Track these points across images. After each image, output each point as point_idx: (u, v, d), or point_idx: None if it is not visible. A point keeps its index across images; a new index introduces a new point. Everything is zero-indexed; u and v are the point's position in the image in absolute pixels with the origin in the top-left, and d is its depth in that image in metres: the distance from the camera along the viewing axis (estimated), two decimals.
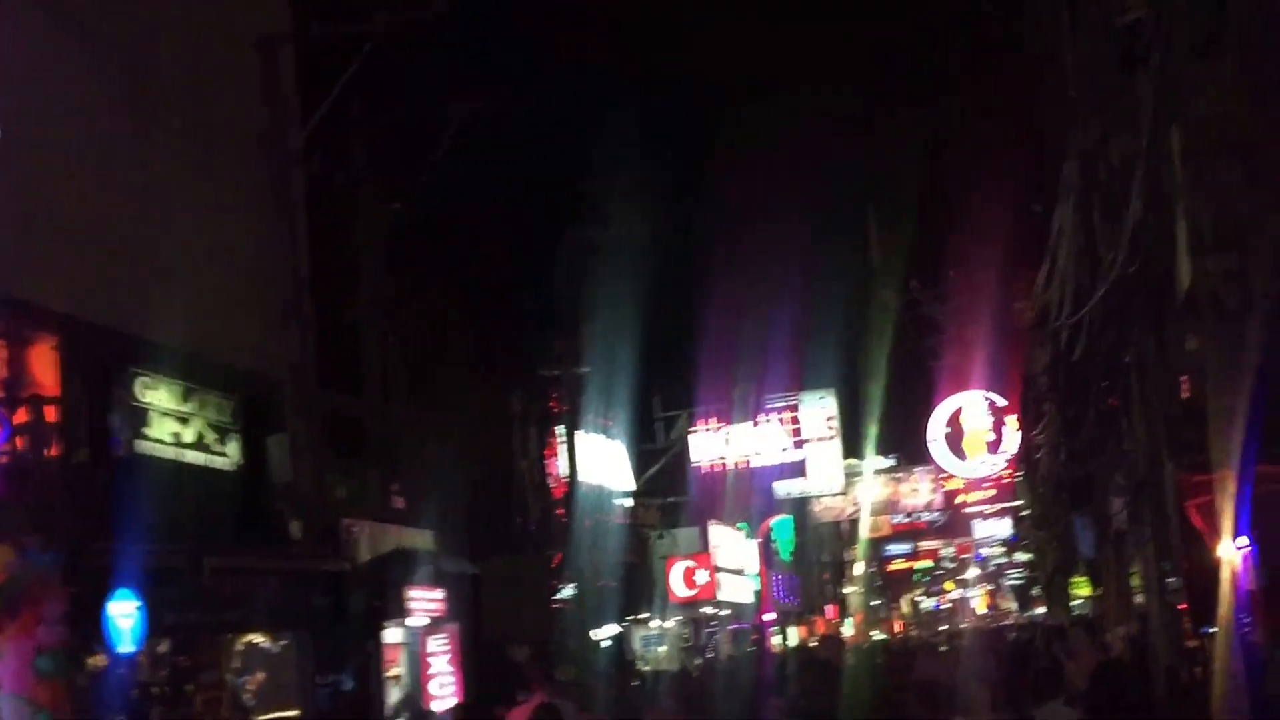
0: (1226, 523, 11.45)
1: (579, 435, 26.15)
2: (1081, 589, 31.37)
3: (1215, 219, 11.53)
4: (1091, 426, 14.70)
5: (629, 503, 29.70)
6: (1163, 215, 10.88)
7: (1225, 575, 11.41)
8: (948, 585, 73.34)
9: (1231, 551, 11.57)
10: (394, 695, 17.47)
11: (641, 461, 31.27)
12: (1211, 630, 12.32)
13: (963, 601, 71.24)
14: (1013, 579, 65.76)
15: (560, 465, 25.94)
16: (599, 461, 27.79)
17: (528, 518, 25.24)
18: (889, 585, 61.34)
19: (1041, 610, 57.27)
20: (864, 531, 45.32)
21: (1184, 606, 11.63)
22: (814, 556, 49.22)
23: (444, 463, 20.17)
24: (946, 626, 58.85)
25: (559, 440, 26.20)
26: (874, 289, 32.02)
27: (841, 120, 36.83)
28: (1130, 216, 9.89)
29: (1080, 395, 15.94)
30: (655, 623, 30.16)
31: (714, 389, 33.38)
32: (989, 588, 70.64)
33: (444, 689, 18.39)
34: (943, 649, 21.36)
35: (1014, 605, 66.96)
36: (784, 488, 38.02)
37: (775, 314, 34.03)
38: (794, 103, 38.64)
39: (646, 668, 25.81)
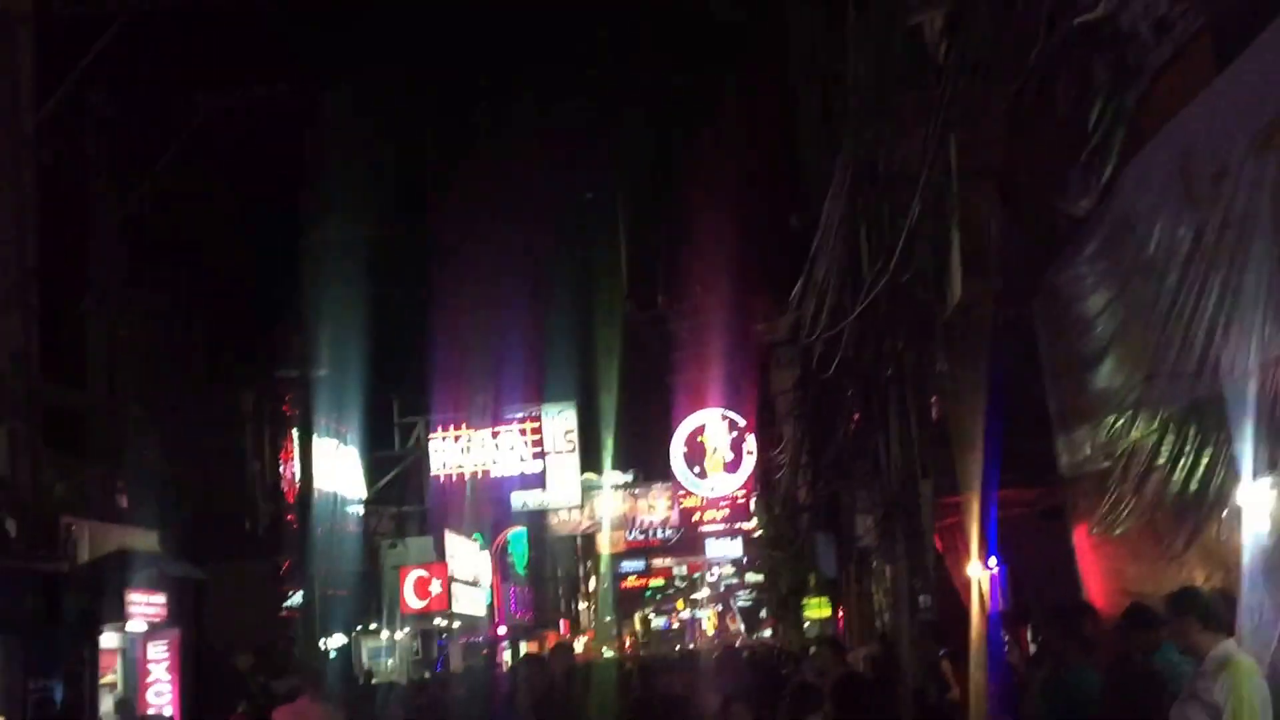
0: (974, 544, 12.14)
1: (314, 440, 25.30)
2: (814, 610, 31.99)
3: (969, 241, 11.86)
4: (841, 444, 14.85)
5: (362, 510, 28.89)
6: (939, 232, 11.00)
7: (974, 597, 11.71)
8: (679, 604, 74.17)
9: (980, 572, 11.85)
10: (107, 703, 16.66)
11: (378, 468, 30.50)
12: (944, 653, 12.45)
13: (693, 621, 72.11)
14: (742, 600, 66.89)
15: (294, 470, 25.06)
16: (334, 467, 26.99)
17: (258, 522, 24.33)
18: (622, 602, 61.58)
19: (768, 632, 58.62)
20: (601, 547, 45.39)
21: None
22: (549, 570, 49.08)
23: (172, 462, 19.38)
24: (678, 645, 59.49)
25: (293, 444, 25.32)
26: (618, 303, 32.04)
27: (586, 132, 36.90)
28: (905, 228, 9.93)
29: (831, 413, 16.11)
30: (385, 634, 29.38)
31: (453, 396, 32.81)
32: (718, 608, 71.66)
33: (161, 697, 17.77)
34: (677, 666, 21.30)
35: (741, 626, 68.19)
36: (521, 499, 37.74)
37: (517, 324, 33.86)
38: (542, 109, 38.59)
39: (375, 680, 25.09)
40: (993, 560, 13.29)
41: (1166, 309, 9.14)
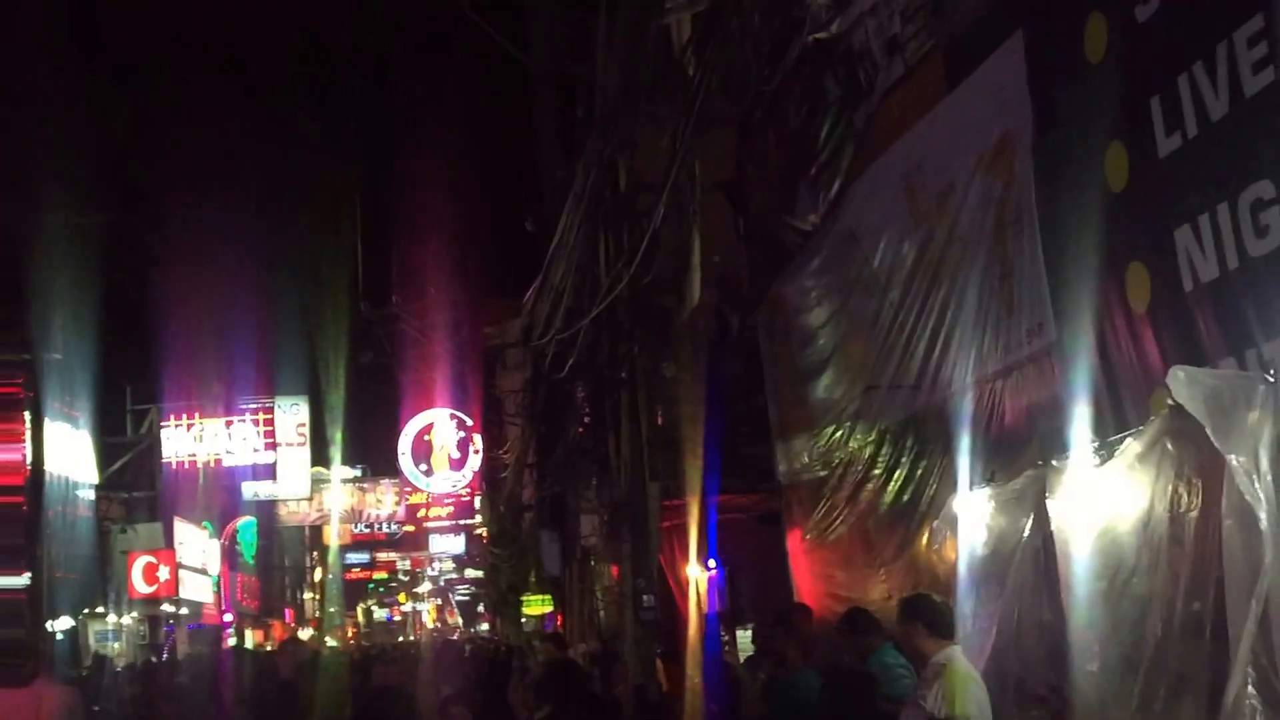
0: (693, 547, 12.44)
1: (45, 423, 25.19)
2: (534, 607, 33.06)
3: (706, 253, 12.89)
4: (568, 445, 15.88)
5: (92, 495, 28.76)
6: (680, 239, 11.70)
7: (693, 597, 12.46)
8: (401, 597, 74.49)
9: (699, 574, 12.72)
10: None
11: (109, 453, 30.31)
12: (659, 652, 12.71)
13: (414, 614, 72.58)
14: (461, 595, 67.57)
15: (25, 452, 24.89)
16: (64, 451, 26.83)
17: None
18: (346, 593, 61.63)
19: (484, 626, 59.56)
20: (330, 539, 45.61)
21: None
22: (276, 560, 48.95)
23: None
24: (400, 638, 59.90)
25: (25, 428, 25.13)
26: (351, 300, 32.61)
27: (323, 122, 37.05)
28: (647, 232, 10.68)
29: (559, 414, 17.10)
30: (112, 618, 29.28)
31: (186, 385, 32.84)
32: (438, 602, 72.26)
33: None
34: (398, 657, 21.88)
35: (460, 620, 68.85)
36: (252, 489, 37.70)
37: (250, 316, 34.05)
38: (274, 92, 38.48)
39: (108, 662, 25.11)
40: (711, 562, 13.26)
41: (888, 323, 10.04)
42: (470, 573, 57.54)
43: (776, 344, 13.08)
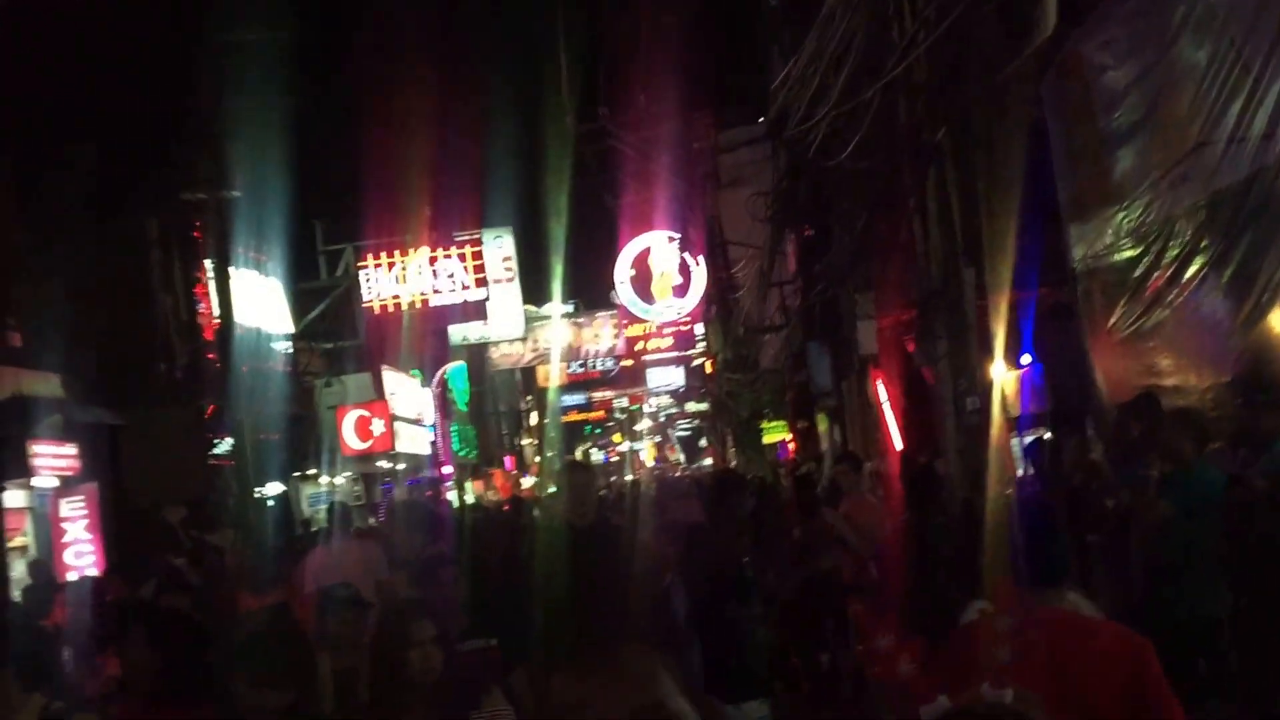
0: (999, 340, 10.73)
1: (232, 271, 22.91)
2: (772, 434, 30.47)
3: None
4: (843, 244, 12.91)
5: (290, 347, 26.58)
6: None
7: (995, 400, 10.84)
8: (616, 438, 72.99)
9: (1004, 373, 11.26)
10: (19, 568, 15.23)
11: (303, 301, 28.06)
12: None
13: (632, 454, 70.90)
14: (681, 430, 65.88)
15: (211, 304, 22.69)
16: (254, 301, 24.64)
17: (174, 363, 22.07)
18: (561, 438, 60.16)
19: (708, 461, 57.54)
20: (548, 379, 43.32)
21: None
22: (490, 407, 47.24)
23: (70, 296, 17.06)
24: (615, 478, 58.26)
25: (208, 276, 22.91)
26: (558, 118, 29.52)
27: None
28: None
29: (828, 209, 14.13)
30: (324, 479, 27.37)
31: (384, 220, 30.15)
32: (657, 440, 70.63)
33: (81, 558, 16.46)
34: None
35: (682, 456, 67.26)
36: (461, 332, 35.62)
37: (449, 140, 31.17)
38: None
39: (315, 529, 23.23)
40: (1026, 357, 12.00)
41: (1226, 68, 8.96)
42: (691, 406, 55.25)
43: (1070, 112, 11.77)
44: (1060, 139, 12.37)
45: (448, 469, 34.91)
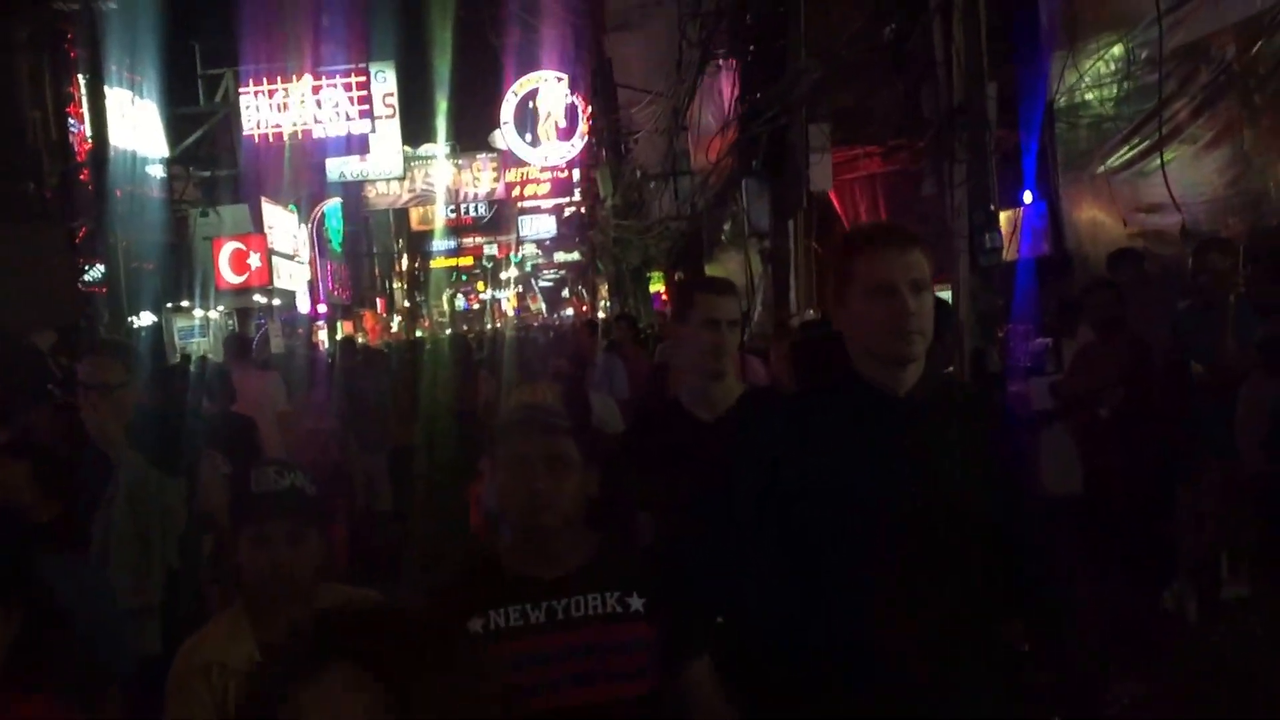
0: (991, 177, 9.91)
1: (105, 88, 21.19)
2: (656, 284, 29.75)
3: None
4: (808, 64, 12.03)
5: (165, 173, 24.93)
6: None
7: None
8: (480, 285, 71.60)
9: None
10: None
11: (180, 126, 26.32)
12: None
13: (494, 302, 69.66)
14: (545, 280, 64.91)
15: (84, 122, 21.06)
16: (129, 122, 22.97)
17: (44, 182, 20.47)
18: (428, 282, 58.74)
19: (569, 312, 56.79)
20: (423, 222, 41.92)
21: None
22: (364, 248, 45.65)
23: None
24: (478, 326, 57.22)
25: (80, 92, 21.23)
26: None
27: None
28: None
29: (780, 28, 13.18)
30: (198, 312, 25.92)
31: (265, 45, 28.35)
32: (519, 290, 69.44)
33: None
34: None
35: (543, 306, 66.37)
36: (338, 168, 34.01)
37: None
38: None
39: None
40: (1028, 194, 11.36)
41: None
42: (560, 256, 54.27)
43: None
44: None
45: (322, 308, 33.62)
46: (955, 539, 2.70)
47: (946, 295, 10.17)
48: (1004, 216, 10.40)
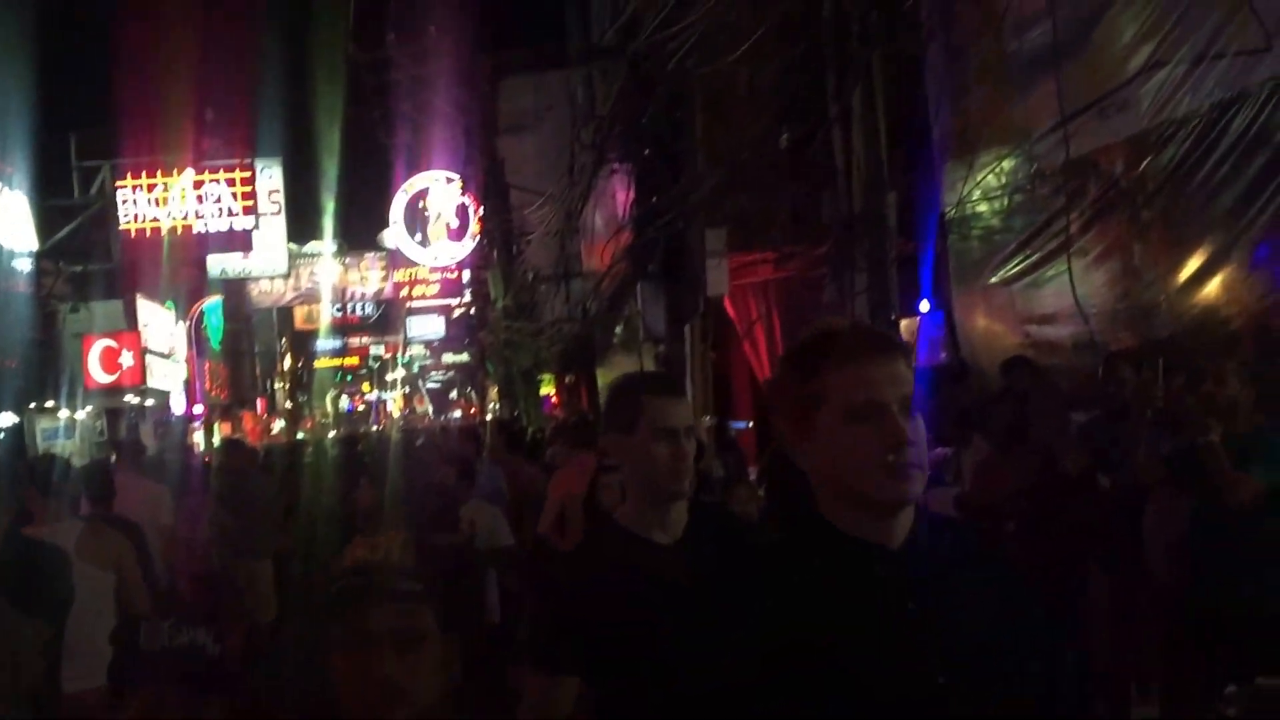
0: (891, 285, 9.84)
1: None
2: (547, 387, 29.42)
3: None
4: (709, 168, 11.81)
5: (30, 267, 24.02)
6: None
7: None
8: (365, 386, 70.57)
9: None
10: None
11: (52, 219, 25.48)
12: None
13: (379, 403, 68.59)
14: (433, 382, 64.22)
15: None
16: None
17: None
18: (311, 383, 57.68)
19: (457, 414, 56.13)
20: (307, 321, 41.19)
21: None
22: (245, 347, 44.61)
23: None
24: (362, 428, 56.29)
25: None
26: (339, 42, 27.59)
27: None
28: None
29: (677, 133, 13.00)
30: (63, 412, 24.88)
31: (147, 138, 27.62)
32: (405, 391, 68.55)
33: None
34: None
35: (430, 408, 65.60)
36: (220, 264, 33.24)
37: (223, 57, 28.89)
38: None
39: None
40: (925, 303, 11.29)
41: None
42: (449, 358, 53.74)
43: (964, 33, 10.87)
44: (941, 66, 11.65)
45: (198, 408, 32.62)
46: None
47: None
48: (903, 325, 10.30)
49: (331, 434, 43.99)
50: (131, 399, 26.72)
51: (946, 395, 9.64)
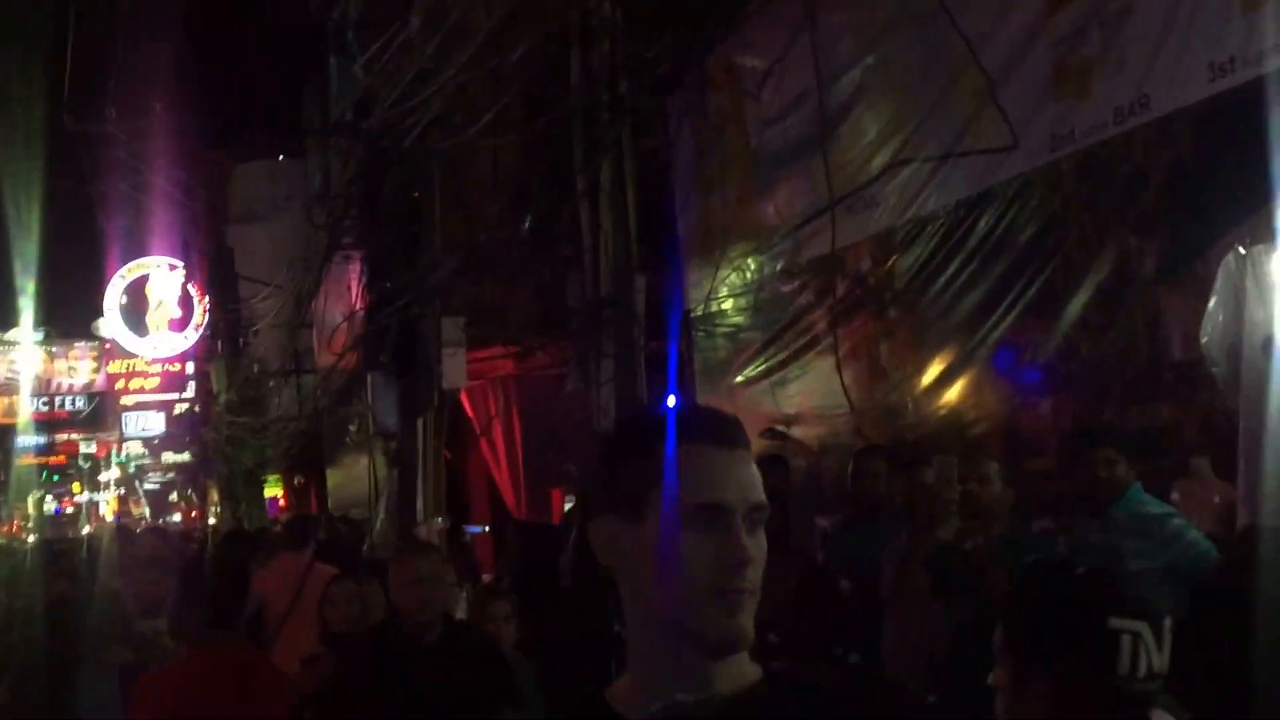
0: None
1: None
2: (272, 488, 28.15)
3: None
4: (443, 253, 11.25)
5: None
6: None
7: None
8: (75, 487, 66.49)
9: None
10: None
11: None
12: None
13: (91, 505, 64.65)
14: (151, 483, 60.93)
15: None
16: None
17: None
18: (11, 483, 53.85)
19: (176, 517, 53.50)
20: (22, 413, 38.48)
21: None
22: None
23: None
24: (71, 532, 52.92)
25: None
26: (44, 109, 26.12)
27: None
28: None
29: (413, 214, 12.48)
30: None
31: None
32: (120, 492, 64.87)
33: None
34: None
35: (147, 511, 62.25)
36: None
37: None
38: None
39: None
40: (671, 399, 10.92)
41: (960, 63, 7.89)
42: (169, 457, 51.08)
43: (708, 132, 10.93)
44: (687, 162, 11.53)
45: None
46: None
47: None
48: None
49: (33, 539, 41.18)
50: None
51: None
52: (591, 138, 8.23)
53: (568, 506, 12.81)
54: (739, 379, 10.85)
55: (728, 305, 11.21)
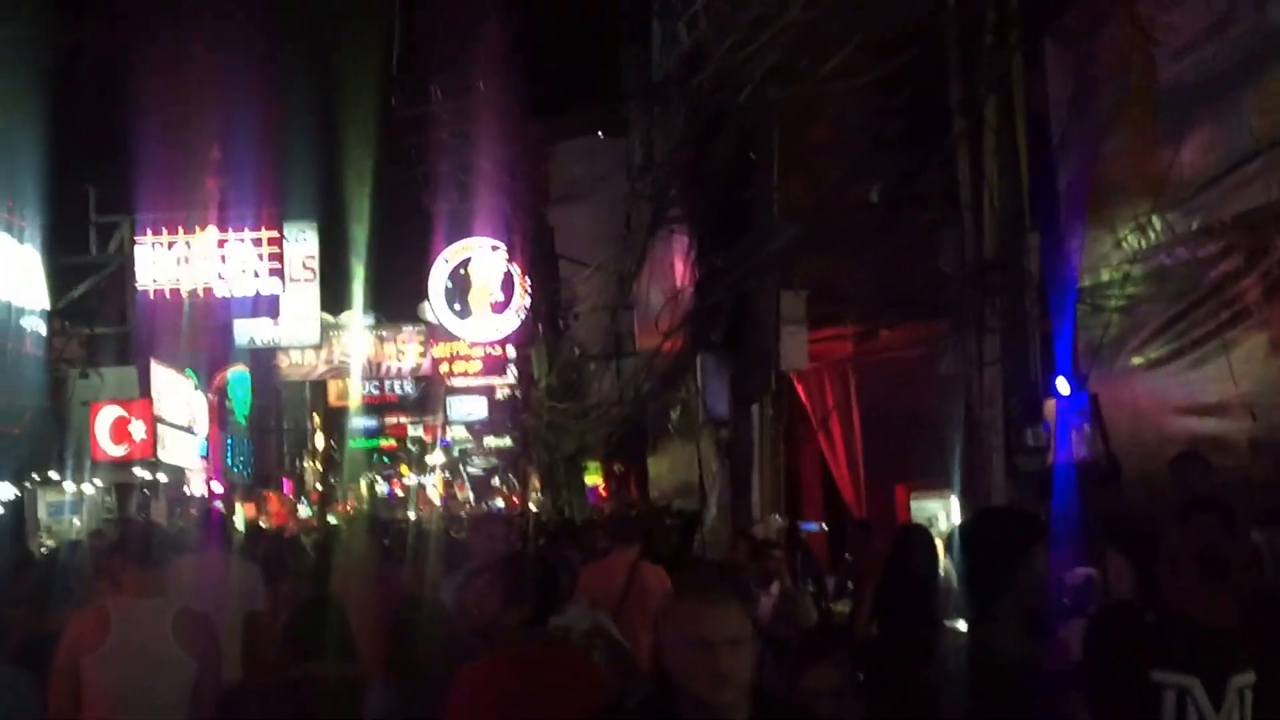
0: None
1: None
2: (592, 475, 27.53)
3: None
4: (780, 220, 9.93)
5: (43, 327, 22.37)
6: None
7: None
8: (403, 469, 68.72)
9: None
10: None
11: (66, 277, 23.83)
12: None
13: (419, 488, 66.54)
14: (473, 467, 62.31)
15: None
16: (5, 268, 20.69)
17: None
18: (344, 464, 55.81)
19: (498, 502, 54.21)
20: (338, 397, 39.42)
21: None
22: (272, 422, 42.93)
23: None
24: (400, 514, 54.43)
25: None
26: (380, 97, 26.11)
27: None
28: None
29: (744, 178, 11.13)
30: (69, 485, 23.11)
31: (170, 193, 25.96)
32: (446, 476, 66.61)
33: None
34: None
35: (470, 495, 63.73)
36: (248, 332, 31.64)
37: (255, 110, 27.32)
38: None
39: (49, 541, 19.40)
40: (1063, 382, 9.26)
41: None
42: (491, 442, 51.79)
43: (1097, 66, 8.98)
44: (1069, 103, 9.77)
45: (218, 487, 30.73)
46: None
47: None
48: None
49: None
50: (143, 473, 24.86)
51: (1094, 502, 7.65)
52: (970, 65, 6.65)
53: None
54: (1137, 360, 9.08)
55: (1120, 273, 9.41)
